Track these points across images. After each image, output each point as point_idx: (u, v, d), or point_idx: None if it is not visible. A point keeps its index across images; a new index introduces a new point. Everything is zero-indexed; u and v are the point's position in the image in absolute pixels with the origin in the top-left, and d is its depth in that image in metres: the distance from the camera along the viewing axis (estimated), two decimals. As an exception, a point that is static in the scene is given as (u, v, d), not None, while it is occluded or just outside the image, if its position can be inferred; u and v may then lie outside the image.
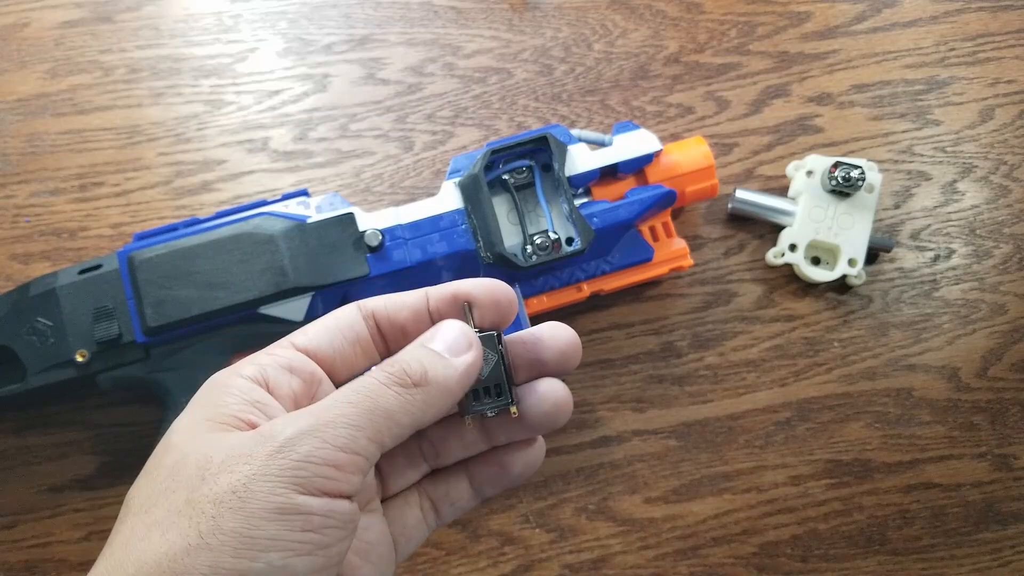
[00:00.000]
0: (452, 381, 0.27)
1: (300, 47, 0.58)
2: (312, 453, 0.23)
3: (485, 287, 0.29)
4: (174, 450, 0.25)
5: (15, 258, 0.53)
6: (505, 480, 0.31)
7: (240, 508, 0.22)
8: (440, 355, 0.27)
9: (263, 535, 0.22)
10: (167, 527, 0.23)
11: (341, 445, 0.24)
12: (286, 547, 0.22)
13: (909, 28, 0.58)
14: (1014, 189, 0.54)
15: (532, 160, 0.47)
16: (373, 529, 0.29)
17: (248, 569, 0.22)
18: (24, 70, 0.57)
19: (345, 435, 0.24)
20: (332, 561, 0.24)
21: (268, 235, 0.45)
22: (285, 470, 0.23)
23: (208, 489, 0.23)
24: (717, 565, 0.48)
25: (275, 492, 0.22)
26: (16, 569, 0.48)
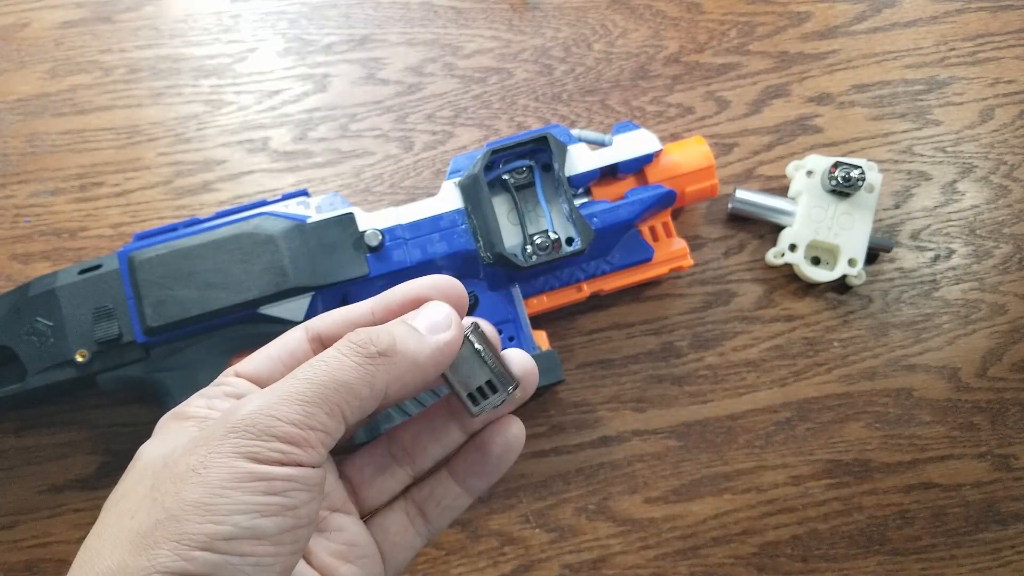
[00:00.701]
0: (422, 356, 0.26)
1: (300, 47, 0.58)
2: (266, 431, 0.23)
3: (435, 285, 0.29)
4: (143, 455, 0.27)
5: (15, 258, 0.53)
6: (488, 466, 0.30)
7: (200, 482, 0.22)
8: (415, 329, 0.26)
9: (226, 501, 0.22)
10: (136, 511, 0.23)
11: (296, 421, 0.24)
12: (251, 509, 0.22)
13: (909, 28, 0.58)
14: (1014, 189, 0.54)
15: (532, 160, 0.47)
16: (349, 530, 0.29)
17: (216, 532, 0.22)
18: (24, 70, 0.57)
19: (300, 411, 0.24)
20: (302, 522, 0.24)
21: (268, 235, 0.45)
22: (240, 447, 0.23)
23: (169, 472, 0.23)
24: (717, 565, 0.48)
25: (232, 464, 0.23)
26: (16, 569, 0.48)
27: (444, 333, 0.27)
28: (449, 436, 0.30)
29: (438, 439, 0.30)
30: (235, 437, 0.23)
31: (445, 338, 0.27)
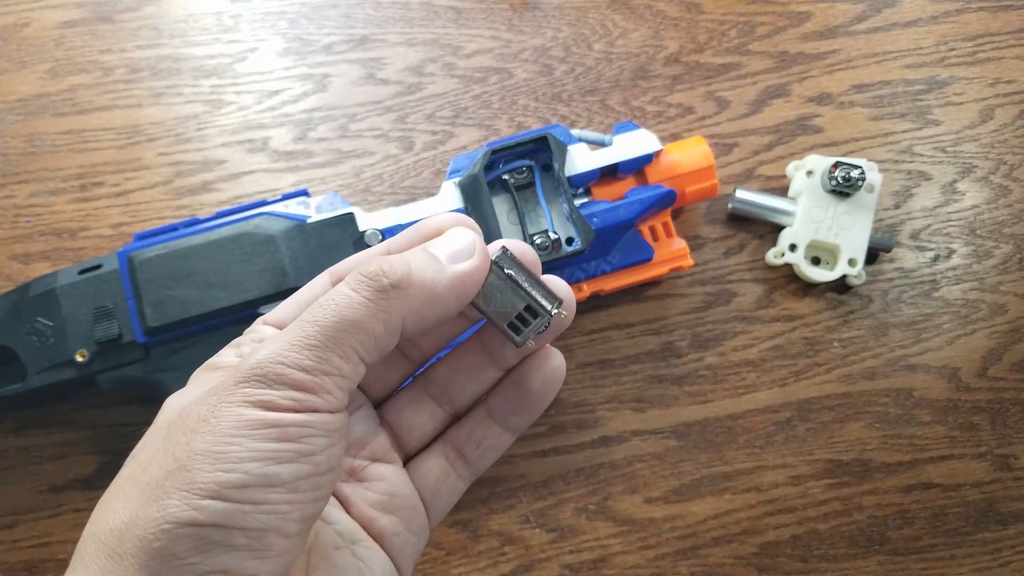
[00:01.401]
0: (441, 286, 0.24)
1: (300, 47, 0.58)
2: (277, 379, 0.22)
3: (455, 219, 0.27)
4: (166, 407, 0.25)
5: (15, 258, 0.53)
6: (528, 403, 0.28)
7: (209, 431, 0.22)
8: (434, 257, 0.25)
9: (236, 448, 0.21)
10: (149, 463, 0.23)
11: (307, 367, 0.22)
12: (263, 456, 0.21)
13: (909, 28, 0.58)
14: (1014, 189, 0.54)
15: (532, 160, 0.47)
16: (389, 479, 0.28)
17: (226, 480, 0.21)
18: (24, 70, 0.57)
19: (311, 356, 0.23)
20: (320, 469, 0.22)
21: (268, 235, 0.45)
22: (250, 396, 0.22)
23: (181, 422, 0.23)
24: (717, 565, 0.48)
25: (242, 413, 0.22)
26: (16, 569, 0.48)
27: (467, 261, 0.25)
28: (486, 372, 0.29)
29: (475, 376, 0.29)
30: (246, 386, 0.22)
31: (467, 267, 0.25)
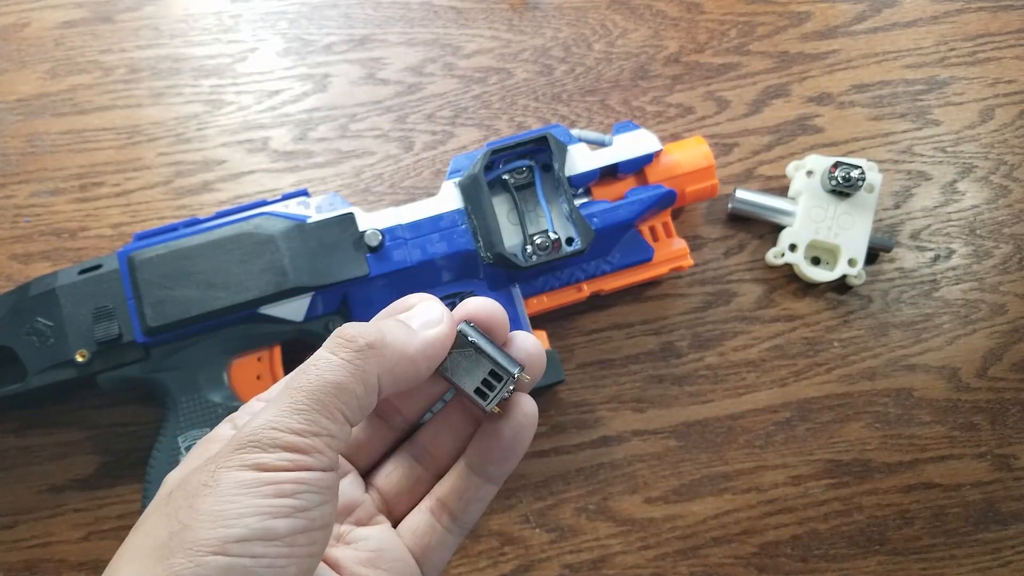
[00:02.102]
0: (412, 348, 0.26)
1: (300, 47, 0.58)
2: (272, 442, 0.24)
3: (422, 298, 0.29)
4: (166, 481, 0.27)
5: (15, 258, 0.53)
6: (501, 451, 0.29)
7: (210, 493, 0.23)
8: (406, 324, 0.27)
9: (236, 506, 0.22)
10: (151, 528, 0.24)
11: (298, 430, 0.24)
12: (261, 512, 0.22)
13: (909, 28, 0.58)
14: (1014, 189, 0.54)
15: (532, 160, 0.47)
16: (375, 538, 0.29)
17: (227, 535, 0.22)
18: (24, 70, 0.57)
19: (300, 420, 0.24)
20: (315, 524, 0.24)
21: (268, 235, 0.45)
22: (247, 460, 0.23)
23: (183, 490, 0.24)
24: (717, 565, 0.48)
25: (241, 475, 0.23)
26: (16, 569, 0.48)
27: (436, 328, 0.27)
28: (465, 430, 0.30)
29: (455, 434, 0.30)
30: (242, 452, 0.23)
31: (436, 332, 0.27)
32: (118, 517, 0.49)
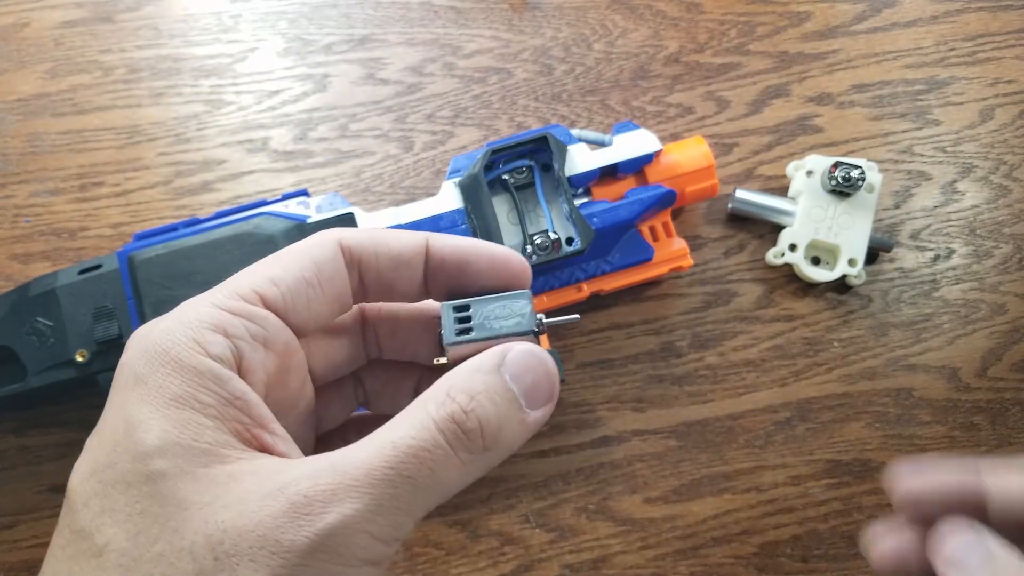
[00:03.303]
0: (518, 444, 0.23)
1: (300, 47, 0.58)
2: (355, 555, 0.19)
3: (495, 261, 0.26)
4: (163, 485, 0.20)
5: (15, 258, 0.53)
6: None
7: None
8: (518, 406, 0.23)
9: None
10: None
11: (386, 538, 0.20)
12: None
13: (909, 28, 0.58)
14: (1014, 189, 0.54)
15: (532, 160, 0.47)
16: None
17: None
18: (24, 70, 0.57)
19: (395, 524, 0.20)
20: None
21: (268, 235, 0.45)
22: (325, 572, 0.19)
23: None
24: (717, 565, 0.48)
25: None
26: (16, 569, 0.48)
27: (545, 408, 0.24)
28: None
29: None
30: (320, 558, 0.19)
31: (543, 414, 0.24)
32: (118, 517, 0.49)
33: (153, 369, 0.21)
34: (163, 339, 0.22)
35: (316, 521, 0.19)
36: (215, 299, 0.23)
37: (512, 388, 0.23)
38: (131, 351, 0.22)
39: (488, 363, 0.23)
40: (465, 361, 0.24)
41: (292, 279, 0.24)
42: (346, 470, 0.20)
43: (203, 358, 0.21)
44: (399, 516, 0.20)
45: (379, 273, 0.25)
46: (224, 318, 0.22)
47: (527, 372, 0.24)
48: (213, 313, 0.22)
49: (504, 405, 0.22)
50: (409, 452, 0.20)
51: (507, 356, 0.23)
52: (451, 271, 0.26)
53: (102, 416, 0.23)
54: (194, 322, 0.22)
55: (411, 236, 0.26)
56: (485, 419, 0.22)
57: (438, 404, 0.22)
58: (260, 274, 0.24)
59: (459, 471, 0.21)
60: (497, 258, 0.26)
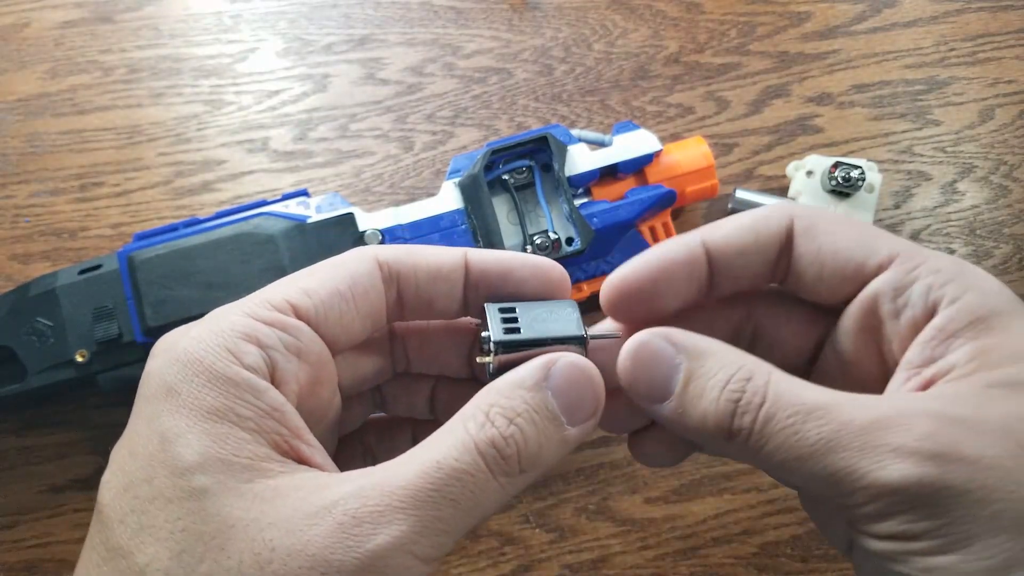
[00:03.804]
0: (556, 461, 0.23)
1: (300, 47, 0.58)
2: (401, 574, 0.20)
3: (536, 270, 0.26)
4: (206, 502, 0.20)
5: (15, 258, 0.53)
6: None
7: None
8: (559, 424, 0.23)
9: None
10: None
11: (429, 557, 0.20)
12: None
13: (909, 28, 0.58)
14: (1014, 189, 0.54)
15: (532, 160, 0.47)
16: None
17: None
18: (24, 70, 0.57)
19: (437, 544, 0.20)
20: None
21: (268, 235, 0.45)
22: None
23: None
24: (717, 565, 0.48)
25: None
26: (16, 569, 0.48)
27: (586, 424, 0.23)
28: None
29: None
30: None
31: (586, 431, 0.23)
32: (118, 517, 0.49)
33: (185, 379, 0.21)
34: (195, 348, 0.22)
35: (365, 542, 0.19)
36: (247, 308, 0.23)
37: (553, 406, 0.23)
38: (159, 359, 0.22)
39: (532, 378, 0.23)
40: (508, 372, 0.23)
41: (326, 291, 0.24)
42: (392, 491, 0.20)
43: (238, 368, 0.21)
44: (441, 537, 0.20)
45: (418, 288, 0.25)
46: (257, 327, 0.22)
47: (572, 387, 0.23)
48: (245, 322, 0.22)
49: (543, 425, 0.22)
50: (453, 475, 0.21)
51: (552, 368, 0.23)
52: (493, 283, 0.26)
53: (130, 427, 0.22)
54: (226, 331, 0.22)
55: (449, 251, 0.26)
56: (523, 444, 0.22)
57: (478, 425, 0.22)
58: (293, 285, 0.24)
59: (498, 493, 0.22)
60: (539, 268, 0.26)
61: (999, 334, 0.22)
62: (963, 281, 0.23)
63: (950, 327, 0.23)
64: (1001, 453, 0.20)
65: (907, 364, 0.24)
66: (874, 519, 0.21)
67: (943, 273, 0.24)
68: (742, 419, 0.22)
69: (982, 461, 0.20)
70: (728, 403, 0.22)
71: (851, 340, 0.26)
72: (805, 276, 0.26)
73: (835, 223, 0.26)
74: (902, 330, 0.24)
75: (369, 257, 0.25)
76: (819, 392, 0.22)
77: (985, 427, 0.20)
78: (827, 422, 0.21)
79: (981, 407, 0.21)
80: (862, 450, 0.20)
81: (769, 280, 0.27)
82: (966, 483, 0.19)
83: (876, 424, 0.20)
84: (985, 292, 0.23)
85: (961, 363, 0.22)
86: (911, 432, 0.20)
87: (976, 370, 0.22)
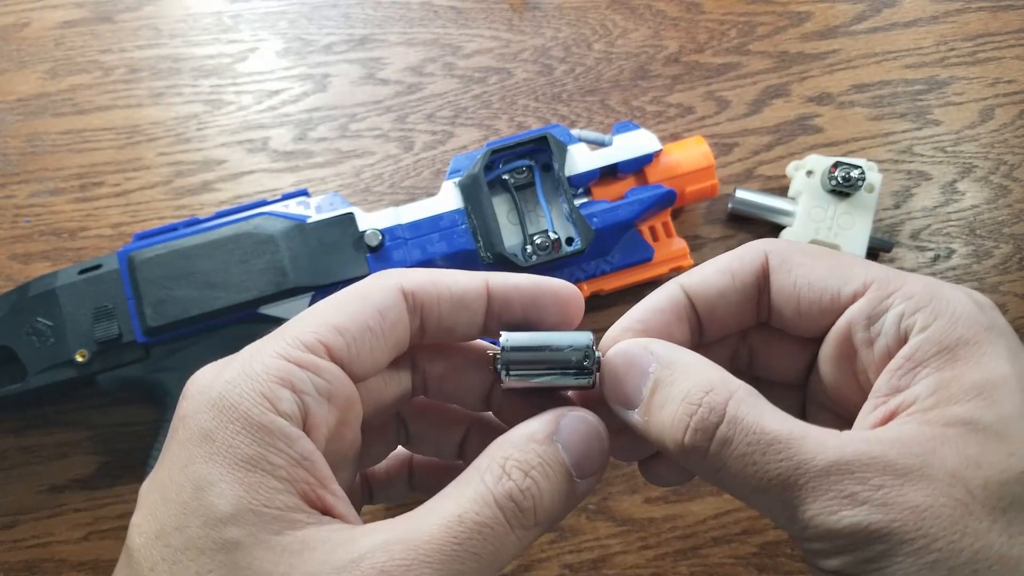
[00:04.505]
0: (565, 513, 0.24)
1: (300, 47, 0.58)
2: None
3: (556, 298, 0.26)
4: (238, 555, 0.21)
5: (15, 258, 0.53)
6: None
7: None
8: (570, 478, 0.23)
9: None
10: None
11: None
12: None
13: (909, 28, 0.58)
14: (1014, 189, 0.54)
15: (532, 160, 0.47)
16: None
17: None
18: (24, 70, 0.57)
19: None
20: None
21: (268, 235, 0.45)
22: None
23: None
24: (717, 565, 0.48)
25: None
26: (16, 569, 0.48)
27: (593, 478, 0.24)
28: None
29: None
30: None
31: (590, 486, 0.24)
32: (118, 517, 0.49)
33: (221, 425, 0.22)
34: (230, 392, 0.22)
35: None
36: (280, 348, 0.23)
37: (564, 460, 0.24)
38: (193, 401, 0.23)
39: (543, 431, 0.24)
40: (520, 425, 0.24)
41: (357, 329, 0.24)
42: (418, 544, 0.21)
43: (273, 416, 0.22)
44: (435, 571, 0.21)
45: (440, 317, 0.26)
46: (291, 371, 0.22)
47: (580, 442, 0.24)
48: (280, 364, 0.22)
49: (557, 478, 0.23)
50: (474, 528, 0.22)
51: (561, 422, 0.24)
52: (515, 311, 0.26)
53: (161, 469, 0.23)
54: (261, 374, 0.22)
55: (471, 278, 0.26)
56: (539, 497, 0.23)
57: (495, 478, 0.22)
58: (324, 322, 0.24)
59: (515, 546, 0.22)
60: (560, 295, 0.26)
61: (962, 365, 0.23)
62: (935, 307, 0.24)
63: (917, 356, 0.23)
64: (947, 502, 0.21)
65: (875, 392, 0.24)
66: (822, 555, 0.22)
67: (916, 300, 0.24)
68: (695, 435, 0.23)
69: (929, 510, 0.21)
70: (684, 416, 0.23)
71: (830, 368, 0.27)
72: (784, 310, 0.27)
73: (809, 255, 0.26)
74: (876, 358, 0.25)
75: (395, 288, 0.25)
76: (782, 422, 0.22)
77: (936, 473, 0.21)
78: (786, 458, 0.22)
79: (935, 451, 0.21)
80: (816, 492, 0.21)
81: (754, 319, 0.28)
82: (911, 532, 0.20)
83: (834, 467, 0.21)
84: (956, 319, 0.23)
85: (923, 395, 0.23)
86: (865, 480, 0.21)
87: (936, 404, 0.22)
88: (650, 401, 0.24)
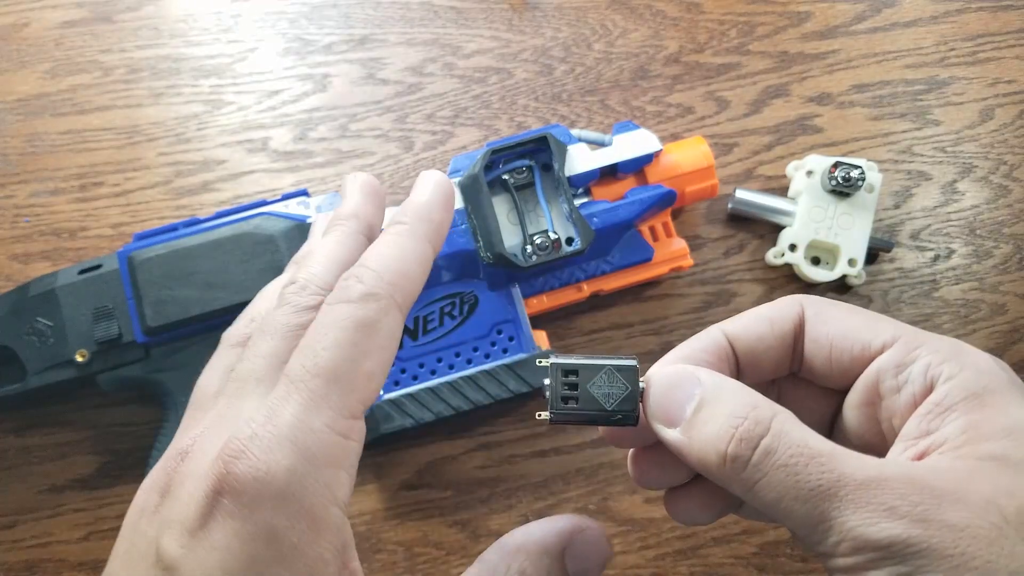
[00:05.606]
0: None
1: (300, 47, 0.58)
2: None
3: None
4: None
5: (15, 258, 0.53)
6: None
7: None
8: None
9: None
10: None
11: None
12: None
13: (909, 28, 0.58)
14: (1014, 189, 0.54)
15: (532, 160, 0.47)
16: None
17: None
18: (24, 70, 0.57)
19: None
20: None
21: (268, 235, 0.45)
22: None
23: None
24: (717, 565, 0.48)
25: None
26: (16, 569, 0.48)
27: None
28: None
29: None
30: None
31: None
32: (118, 517, 0.49)
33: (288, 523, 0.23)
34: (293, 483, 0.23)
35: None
36: (328, 419, 0.25)
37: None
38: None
39: (554, 548, 0.28)
40: (535, 532, 0.28)
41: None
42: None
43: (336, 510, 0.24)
44: None
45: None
46: (349, 447, 0.25)
47: (584, 562, 0.28)
48: (336, 442, 0.25)
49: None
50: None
51: (576, 539, 0.28)
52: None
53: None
54: (320, 456, 0.24)
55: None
56: None
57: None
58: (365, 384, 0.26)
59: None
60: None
61: (990, 410, 0.24)
62: (960, 360, 0.25)
63: (946, 402, 0.25)
64: (984, 524, 0.21)
65: (905, 435, 0.26)
66: (855, 570, 0.23)
67: (942, 353, 0.26)
68: (739, 445, 0.24)
69: (967, 530, 0.21)
70: (729, 428, 0.25)
71: (855, 414, 0.29)
72: (816, 359, 0.29)
73: (842, 309, 0.29)
74: (902, 405, 0.26)
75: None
76: (823, 441, 0.24)
77: (972, 498, 0.22)
78: (829, 470, 0.23)
79: (970, 479, 0.22)
80: (856, 503, 0.22)
81: (788, 368, 0.30)
82: (949, 548, 0.21)
83: (874, 482, 0.22)
84: (980, 371, 0.25)
85: (953, 436, 0.24)
86: (904, 496, 0.22)
87: (967, 443, 0.24)
88: (694, 418, 0.26)
